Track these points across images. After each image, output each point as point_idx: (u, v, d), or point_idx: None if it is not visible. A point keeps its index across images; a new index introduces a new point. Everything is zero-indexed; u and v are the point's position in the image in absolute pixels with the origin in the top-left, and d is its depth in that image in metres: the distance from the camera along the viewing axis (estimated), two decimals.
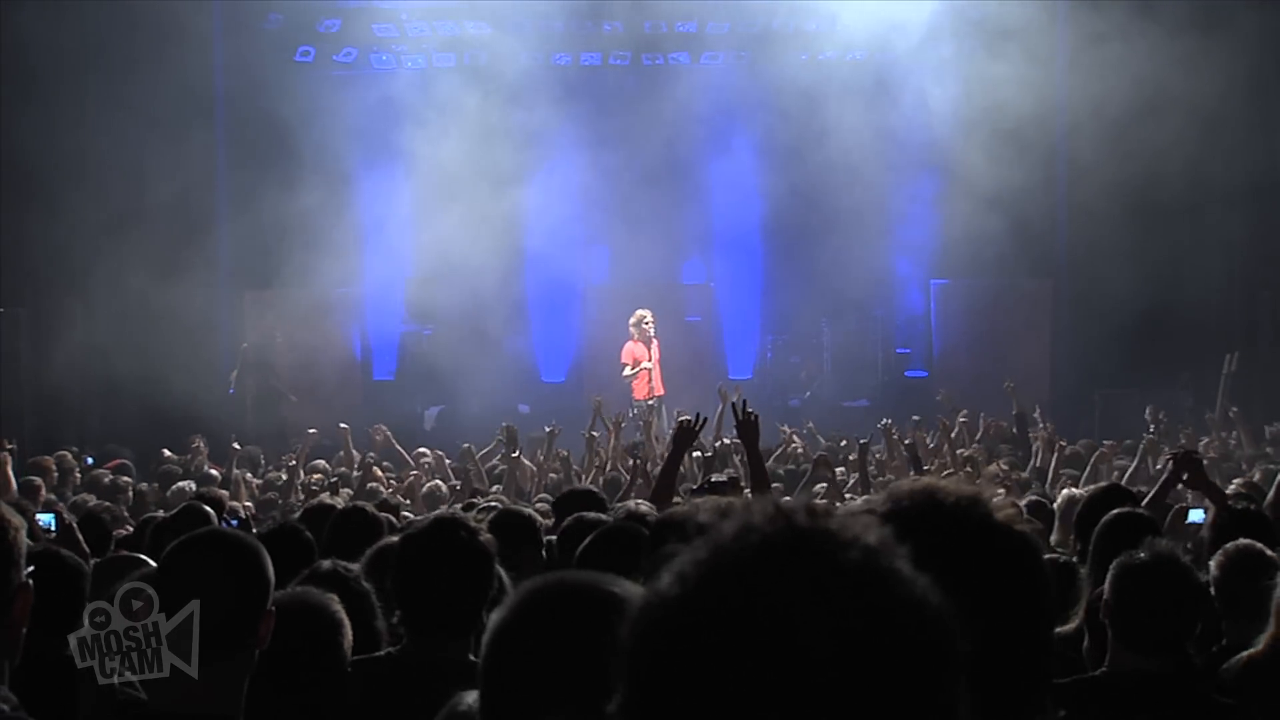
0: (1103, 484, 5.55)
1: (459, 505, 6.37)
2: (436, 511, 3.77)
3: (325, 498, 7.97)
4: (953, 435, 10.46)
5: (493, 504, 5.91)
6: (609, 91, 16.56)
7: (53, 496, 9.15)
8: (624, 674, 1.03)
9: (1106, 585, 3.21)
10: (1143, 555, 3.22)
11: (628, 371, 14.02)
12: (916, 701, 0.99)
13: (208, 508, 5.63)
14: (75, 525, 5.99)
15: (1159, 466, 9.45)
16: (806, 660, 0.96)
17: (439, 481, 9.43)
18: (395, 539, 4.06)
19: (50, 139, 14.26)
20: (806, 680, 0.96)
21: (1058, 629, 3.72)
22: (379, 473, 10.53)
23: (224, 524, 5.78)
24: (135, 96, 14.67)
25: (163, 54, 14.71)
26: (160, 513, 7.75)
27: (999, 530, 1.45)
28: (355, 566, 3.58)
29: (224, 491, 8.58)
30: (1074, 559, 4.37)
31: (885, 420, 10.35)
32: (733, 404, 6.86)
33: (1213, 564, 3.95)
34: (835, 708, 0.96)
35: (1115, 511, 4.21)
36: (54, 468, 10.36)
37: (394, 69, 16.75)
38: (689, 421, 6.52)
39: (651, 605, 1.03)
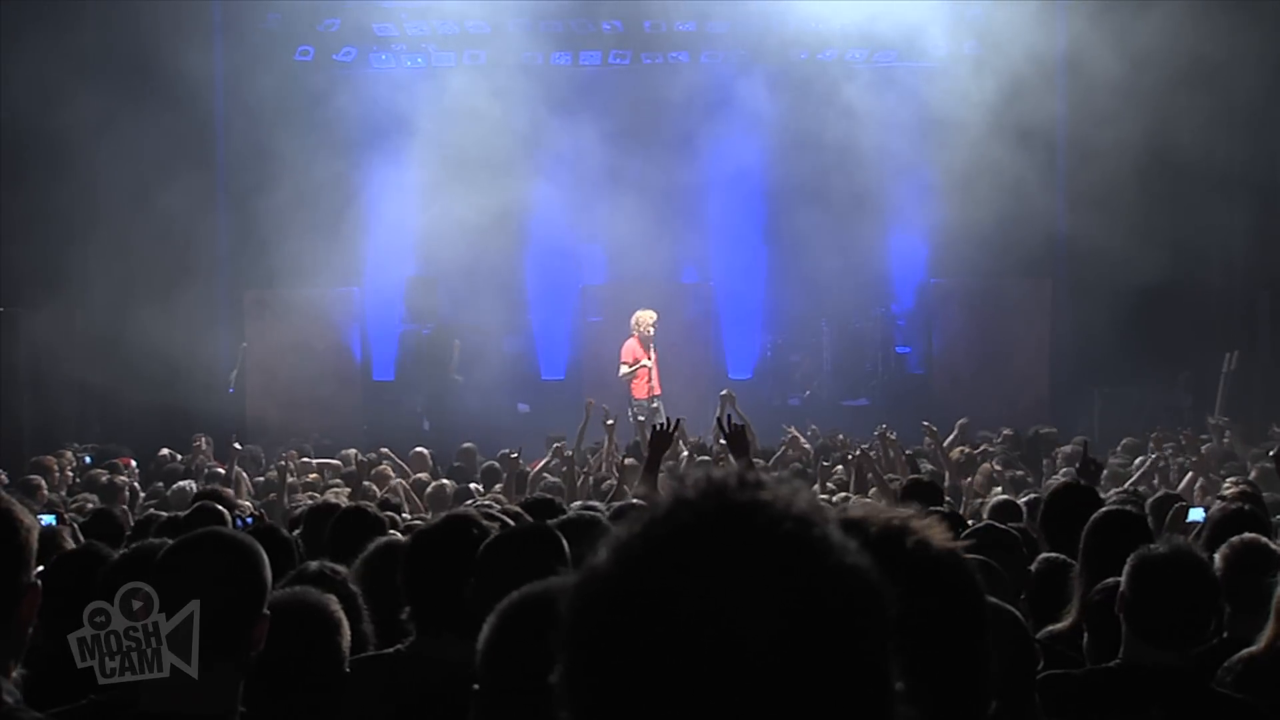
0: (1062, 480, 5.56)
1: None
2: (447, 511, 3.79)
3: (330, 497, 8.01)
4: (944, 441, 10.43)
5: (488, 504, 5.96)
6: (608, 90, 16.56)
7: (54, 497, 9.19)
8: (562, 648, 1.05)
9: (1124, 578, 3.23)
10: (1160, 549, 3.24)
11: (624, 370, 13.99)
12: (850, 668, 1.01)
13: (221, 507, 5.68)
14: (78, 527, 6.03)
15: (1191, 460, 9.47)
16: (739, 633, 0.98)
17: (445, 481, 9.43)
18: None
19: (49, 139, 14.26)
20: (740, 653, 0.98)
21: (1051, 627, 3.78)
22: (388, 469, 10.58)
23: (237, 523, 5.76)
24: (135, 95, 14.69)
25: (162, 53, 14.71)
26: (160, 513, 7.83)
27: (927, 555, 1.48)
28: (343, 568, 3.58)
29: (229, 490, 8.60)
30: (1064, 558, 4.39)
31: (882, 425, 10.33)
32: (718, 419, 6.83)
33: (1217, 558, 3.98)
34: (770, 680, 0.98)
35: (1104, 510, 4.23)
36: (55, 467, 10.39)
37: (393, 68, 16.78)
38: (664, 426, 6.53)
39: (587, 581, 1.05)
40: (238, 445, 10.52)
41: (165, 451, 12.09)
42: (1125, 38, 14.46)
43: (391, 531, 5.69)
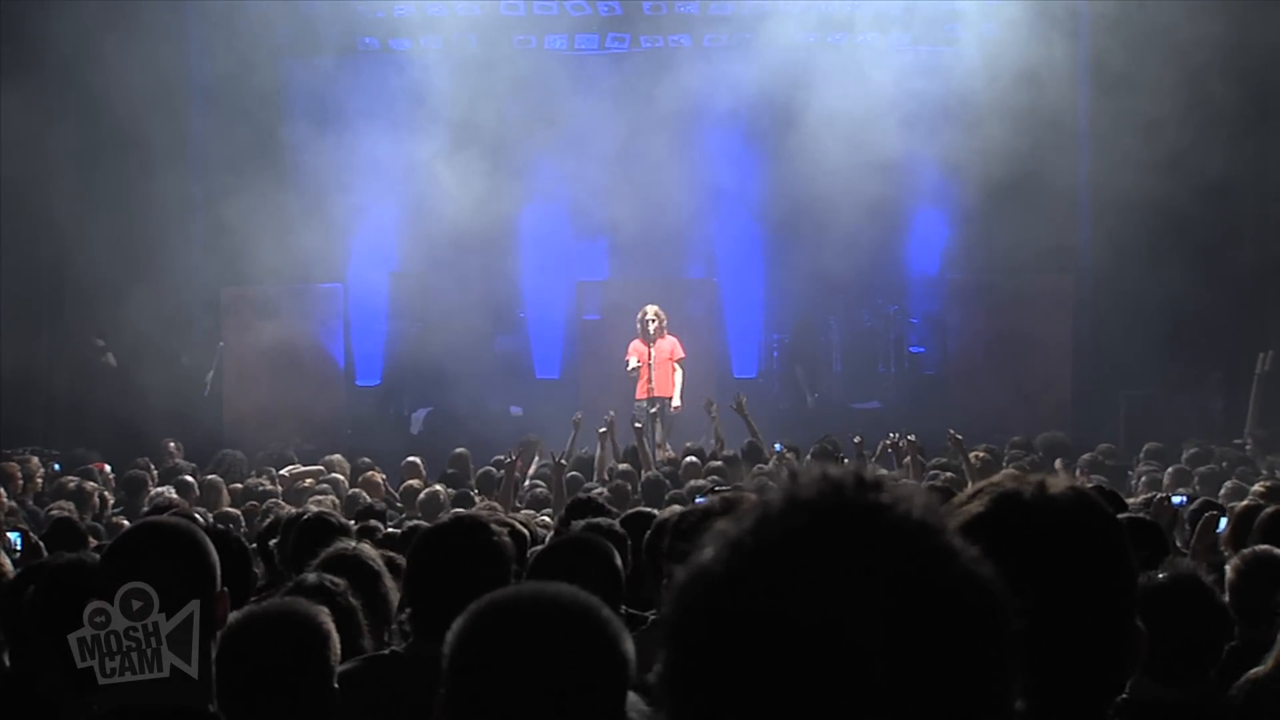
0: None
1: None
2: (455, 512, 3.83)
3: (311, 505, 8.07)
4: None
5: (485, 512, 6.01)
6: (606, 76, 16.51)
7: (14, 504, 9.22)
8: (667, 645, 1.05)
9: None
10: (1162, 577, 3.25)
11: (630, 365, 13.94)
12: (971, 683, 1.01)
13: (195, 516, 5.71)
14: (42, 545, 6.07)
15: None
16: (856, 641, 0.98)
17: (438, 487, 9.49)
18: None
19: (24, 134, 14.26)
20: (858, 661, 0.98)
21: None
22: (376, 476, 10.67)
23: None
24: (107, 80, 14.66)
25: (137, 38, 14.66)
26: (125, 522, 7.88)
27: (1049, 500, 1.59)
28: (343, 581, 3.66)
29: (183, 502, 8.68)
30: None
31: (892, 434, 10.33)
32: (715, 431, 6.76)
33: (1229, 568, 4.09)
34: (885, 692, 0.98)
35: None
36: (19, 474, 10.42)
37: (378, 53, 16.73)
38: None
39: (697, 578, 1.05)
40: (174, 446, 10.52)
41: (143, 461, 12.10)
42: (1150, 18, 14.45)
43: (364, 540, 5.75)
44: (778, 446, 11.51)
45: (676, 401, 13.65)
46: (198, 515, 7.95)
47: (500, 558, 3.38)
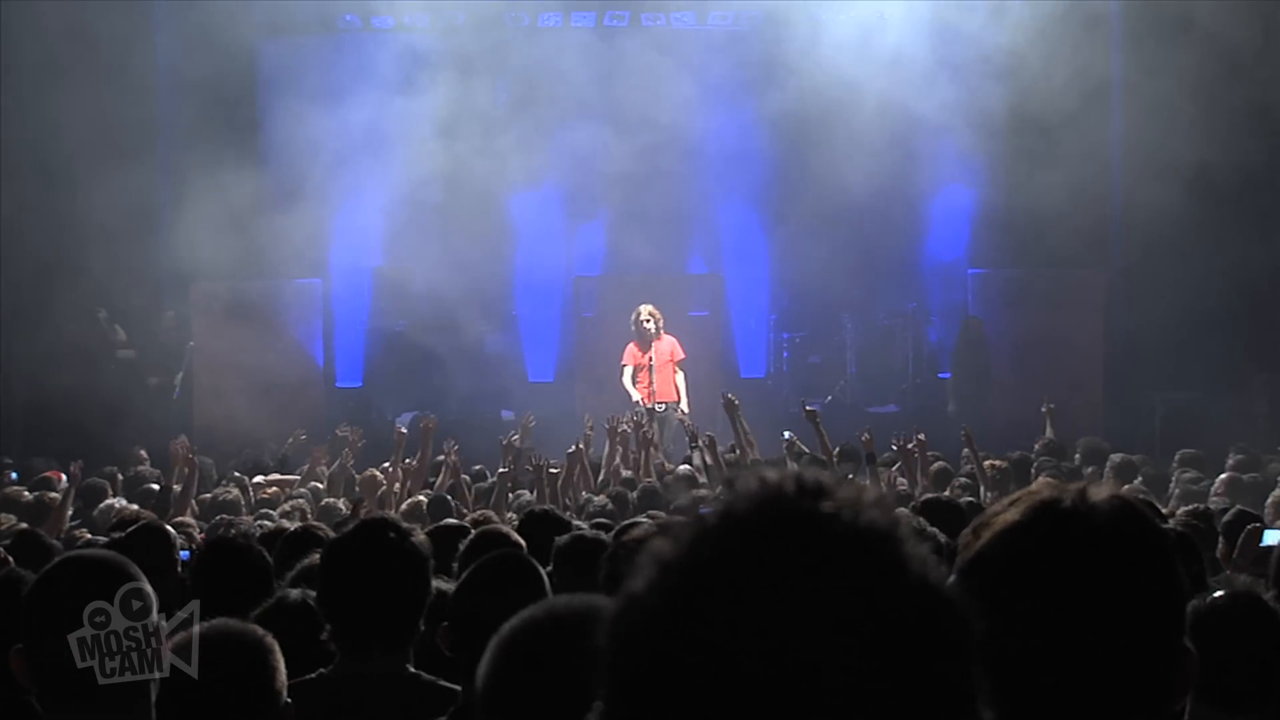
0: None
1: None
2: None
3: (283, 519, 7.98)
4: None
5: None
6: (604, 56, 16.33)
7: None
8: (604, 682, 1.04)
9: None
10: (1220, 596, 3.18)
11: (625, 374, 13.82)
12: (935, 695, 1.00)
13: (170, 528, 5.73)
14: (10, 559, 5.90)
15: None
16: (805, 666, 0.96)
17: (420, 496, 9.35)
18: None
19: None
20: (808, 694, 0.96)
21: None
22: (376, 475, 10.54)
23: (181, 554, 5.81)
24: (69, 72, 14.57)
25: (102, 18, 14.61)
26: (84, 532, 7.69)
27: (1092, 510, 1.59)
28: None
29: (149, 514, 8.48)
30: None
31: (919, 435, 10.13)
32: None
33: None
34: (842, 713, 0.96)
35: None
36: None
37: (359, 32, 16.64)
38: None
39: (630, 605, 1.03)
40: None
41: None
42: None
43: None
44: (785, 434, 11.38)
45: (685, 407, 13.47)
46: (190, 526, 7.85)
47: (415, 559, 3.36)
